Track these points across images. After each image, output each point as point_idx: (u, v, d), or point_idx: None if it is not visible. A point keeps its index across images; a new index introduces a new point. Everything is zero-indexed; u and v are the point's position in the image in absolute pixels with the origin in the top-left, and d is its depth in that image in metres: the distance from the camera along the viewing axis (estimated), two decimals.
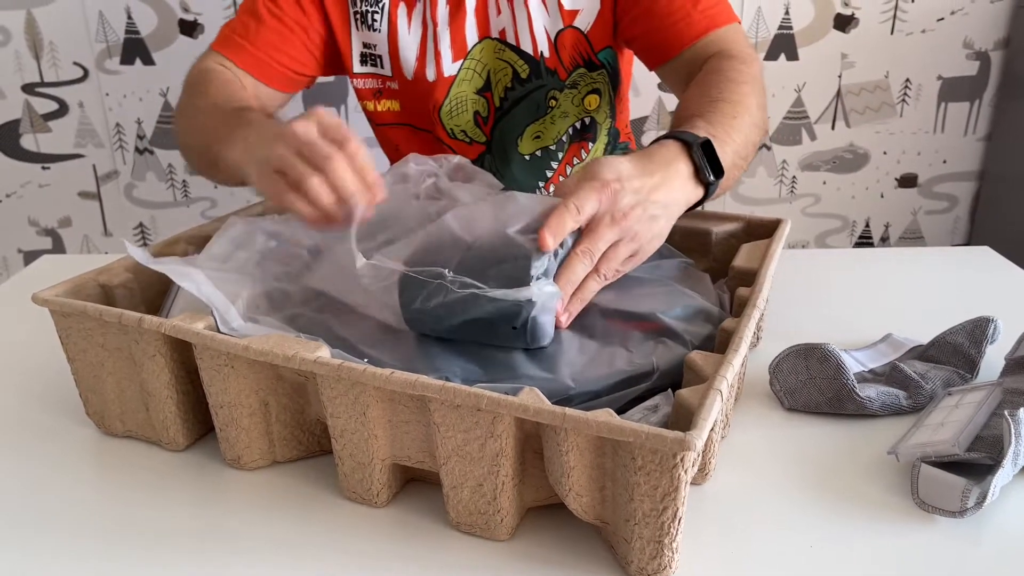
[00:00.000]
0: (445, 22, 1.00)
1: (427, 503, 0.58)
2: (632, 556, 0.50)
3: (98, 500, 0.60)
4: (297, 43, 1.00)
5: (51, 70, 1.79)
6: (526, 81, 1.02)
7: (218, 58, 0.98)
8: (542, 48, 1.00)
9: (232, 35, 0.99)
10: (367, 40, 1.02)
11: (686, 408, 0.50)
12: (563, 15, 1.00)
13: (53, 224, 1.95)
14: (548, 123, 1.05)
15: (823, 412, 0.68)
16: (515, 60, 1.01)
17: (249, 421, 0.61)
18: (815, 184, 1.95)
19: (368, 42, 1.02)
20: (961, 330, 0.73)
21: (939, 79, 1.86)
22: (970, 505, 0.54)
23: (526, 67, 1.01)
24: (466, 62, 1.01)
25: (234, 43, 0.98)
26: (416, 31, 1.01)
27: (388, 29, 1.01)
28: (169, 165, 1.90)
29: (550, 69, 1.02)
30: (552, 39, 1.00)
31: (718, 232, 0.81)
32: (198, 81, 0.94)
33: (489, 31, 1.01)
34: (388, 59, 1.02)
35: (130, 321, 0.60)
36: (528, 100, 1.03)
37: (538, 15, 1.00)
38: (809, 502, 0.58)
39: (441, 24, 1.00)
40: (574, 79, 1.03)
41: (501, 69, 1.02)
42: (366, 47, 1.03)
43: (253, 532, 0.56)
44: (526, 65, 1.01)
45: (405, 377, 0.51)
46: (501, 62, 1.02)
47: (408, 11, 1.00)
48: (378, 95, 1.06)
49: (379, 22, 1.01)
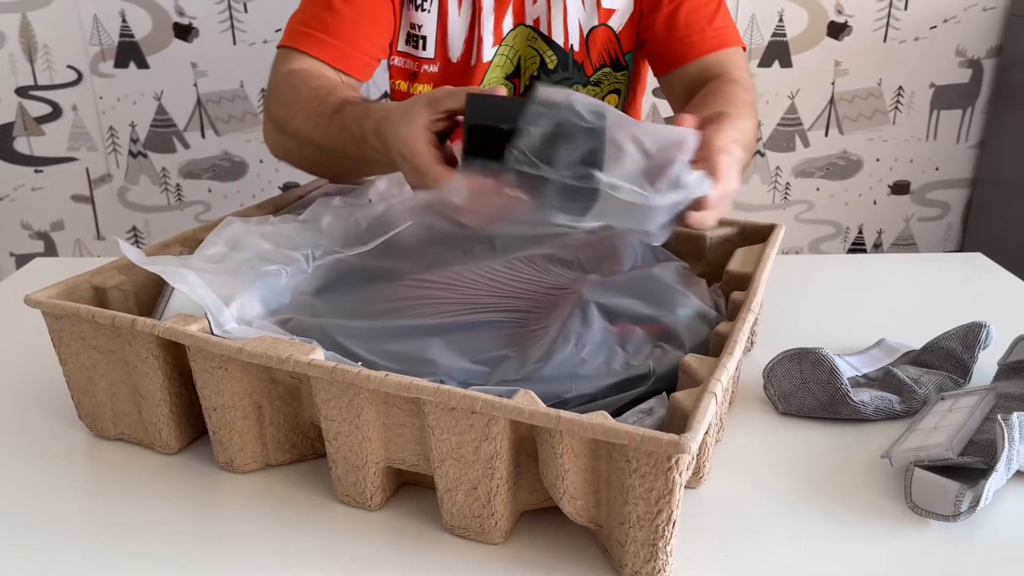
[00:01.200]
0: (490, 8, 1.02)
1: (421, 506, 0.58)
2: (626, 559, 0.50)
3: (90, 503, 0.60)
4: (374, 26, 0.99)
5: (45, 73, 1.79)
6: (553, 72, 1.04)
7: (298, 56, 0.95)
8: (573, 41, 1.02)
9: (306, 30, 0.96)
10: (414, 20, 1.03)
11: (681, 411, 0.50)
12: (599, 12, 1.02)
13: (46, 227, 1.94)
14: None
15: (817, 416, 0.69)
16: (544, 50, 1.03)
17: (243, 424, 0.60)
18: (808, 190, 1.95)
19: (415, 22, 1.03)
20: (954, 335, 0.74)
21: (932, 87, 1.87)
22: (963, 509, 0.54)
23: (555, 58, 1.03)
24: (501, 48, 1.03)
25: (311, 38, 0.95)
26: (466, 14, 1.02)
27: (438, 11, 1.02)
28: (163, 169, 1.89)
29: (578, 63, 1.04)
30: (584, 34, 1.03)
31: (713, 237, 0.81)
32: (283, 87, 0.91)
33: (524, 18, 1.03)
34: (434, 41, 1.03)
35: (123, 323, 0.60)
36: None
37: (574, 8, 1.02)
38: (803, 506, 0.58)
39: (486, 10, 1.02)
40: (599, 77, 1.05)
41: (531, 57, 1.04)
42: (412, 27, 1.03)
43: (246, 536, 0.56)
44: (555, 56, 1.03)
45: (399, 380, 0.51)
46: (531, 50, 1.03)
47: None
48: (412, 77, 1.07)
49: (429, 3, 1.02)
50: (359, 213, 0.77)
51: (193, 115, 1.84)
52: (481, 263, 0.75)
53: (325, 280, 0.72)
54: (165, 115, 1.84)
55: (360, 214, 0.77)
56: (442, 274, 0.73)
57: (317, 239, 0.74)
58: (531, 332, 0.65)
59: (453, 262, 0.76)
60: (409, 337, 0.64)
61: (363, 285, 0.72)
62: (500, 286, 0.72)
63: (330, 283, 0.72)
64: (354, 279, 0.73)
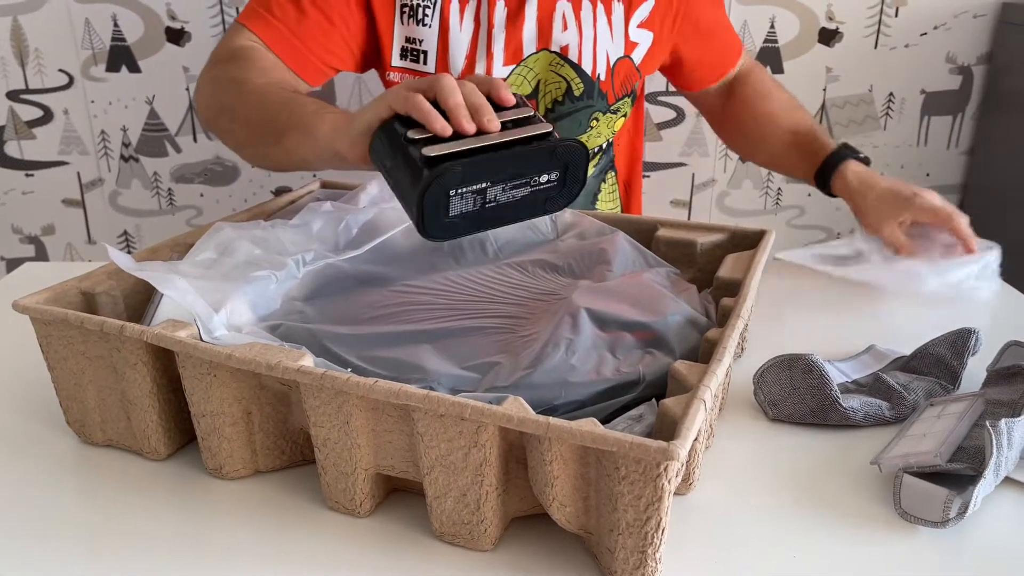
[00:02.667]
0: (502, 24, 1.00)
1: (410, 513, 0.58)
2: (616, 566, 0.50)
3: (78, 510, 0.60)
4: (337, 37, 0.98)
5: (36, 77, 1.78)
6: (578, 99, 1.04)
7: (251, 36, 0.94)
8: (600, 71, 1.03)
9: (268, 16, 0.95)
10: (411, 34, 1.01)
11: (670, 418, 0.50)
12: (626, 44, 1.04)
13: (36, 232, 1.93)
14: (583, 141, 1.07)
15: (807, 422, 0.69)
16: (572, 77, 1.03)
17: (232, 430, 0.60)
18: (800, 196, 1.96)
19: (412, 36, 1.01)
20: (943, 341, 0.74)
21: (922, 93, 1.88)
22: (952, 515, 0.55)
23: (582, 85, 1.03)
24: (518, 68, 1.02)
25: (272, 27, 0.94)
26: (468, 28, 1.01)
27: (439, 24, 1.00)
28: (154, 173, 1.89)
29: (602, 92, 1.05)
30: (611, 64, 1.04)
31: (703, 243, 0.82)
32: (239, 57, 0.91)
33: (549, 43, 1.02)
34: (435, 55, 1.02)
35: (112, 329, 0.59)
36: (573, 117, 1.05)
37: (603, 38, 1.03)
38: (792, 512, 0.58)
39: (498, 26, 1.00)
40: (619, 105, 1.08)
41: (554, 82, 1.03)
42: (408, 41, 1.02)
43: (235, 542, 0.56)
44: (582, 84, 1.03)
45: (389, 386, 0.51)
46: (556, 76, 1.03)
47: (461, 7, 1.00)
48: None
49: (430, 17, 1.00)
50: (350, 218, 0.77)
51: (185, 119, 1.84)
52: (471, 269, 0.75)
53: (315, 285, 0.72)
54: (157, 119, 1.83)
55: (351, 219, 0.77)
56: (432, 280, 0.73)
57: (307, 244, 0.74)
58: (521, 338, 0.64)
59: (444, 267, 0.76)
60: (399, 343, 0.64)
61: (353, 291, 0.72)
62: (491, 292, 0.72)
63: (320, 288, 0.72)
64: (344, 284, 0.73)
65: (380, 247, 0.76)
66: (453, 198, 0.57)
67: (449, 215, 0.58)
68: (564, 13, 1.01)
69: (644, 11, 1.05)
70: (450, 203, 0.57)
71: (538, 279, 0.74)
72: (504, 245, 0.80)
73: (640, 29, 1.05)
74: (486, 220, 0.60)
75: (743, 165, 1.92)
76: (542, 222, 0.83)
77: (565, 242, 0.81)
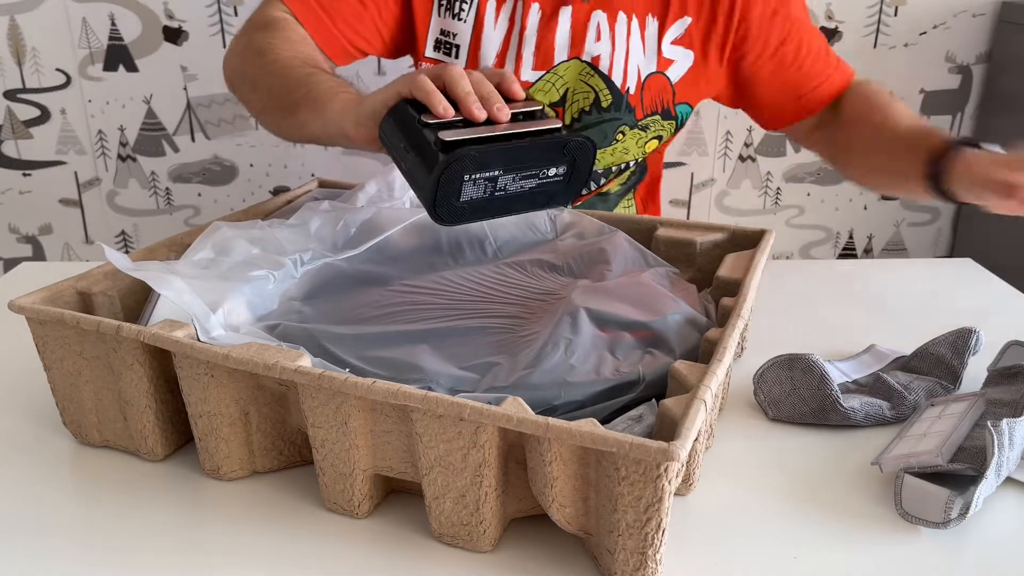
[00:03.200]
0: (535, 28, 1.00)
1: (409, 514, 0.58)
2: (616, 567, 0.50)
3: (75, 511, 0.59)
4: (368, 20, 0.98)
5: (33, 76, 1.78)
6: (605, 111, 1.03)
7: (283, 7, 0.95)
8: (630, 84, 1.02)
9: None
10: (447, 27, 1.02)
11: (670, 418, 0.50)
12: (659, 60, 1.02)
13: (34, 231, 1.93)
14: (608, 154, 1.06)
15: (807, 422, 0.68)
16: (601, 88, 1.02)
17: (229, 431, 0.60)
18: (799, 195, 1.96)
19: (447, 30, 1.02)
20: (944, 341, 0.74)
21: (921, 92, 1.88)
22: (953, 516, 0.54)
23: (610, 97, 1.02)
24: (548, 75, 1.02)
25: (305, 3, 0.95)
26: (502, 28, 1.01)
27: (474, 20, 1.01)
28: (152, 173, 1.88)
29: (631, 106, 1.03)
30: (642, 79, 1.02)
31: (703, 242, 0.81)
32: (269, 27, 0.91)
33: (581, 53, 1.01)
34: (466, 51, 1.02)
35: (108, 329, 0.59)
36: (600, 128, 1.04)
37: (636, 52, 1.01)
38: (793, 513, 0.58)
39: (530, 29, 1.00)
40: (647, 122, 1.05)
41: (583, 91, 1.03)
42: (443, 34, 1.02)
43: (232, 544, 0.56)
44: (611, 95, 1.02)
45: (387, 387, 0.51)
46: (585, 85, 1.02)
47: (498, 5, 1.00)
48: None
49: (466, 12, 1.00)
50: (348, 217, 0.77)
51: (183, 119, 1.83)
52: (470, 268, 0.75)
53: (313, 285, 0.72)
54: (155, 119, 1.83)
55: (349, 218, 0.77)
56: (431, 279, 0.73)
57: (305, 243, 0.74)
58: (520, 338, 0.64)
59: (442, 267, 0.76)
60: (397, 343, 0.63)
61: (351, 290, 0.72)
62: (489, 292, 0.71)
63: (318, 288, 0.72)
64: (342, 284, 0.72)
65: (378, 247, 0.75)
66: (466, 183, 0.58)
67: (460, 200, 0.59)
68: (599, 23, 1.00)
69: (679, 28, 1.02)
70: (463, 188, 0.58)
71: (537, 279, 0.74)
72: (503, 245, 0.79)
73: (675, 47, 1.03)
74: (493, 209, 0.61)
75: (742, 164, 1.92)
76: (541, 222, 0.82)
77: (564, 242, 0.81)
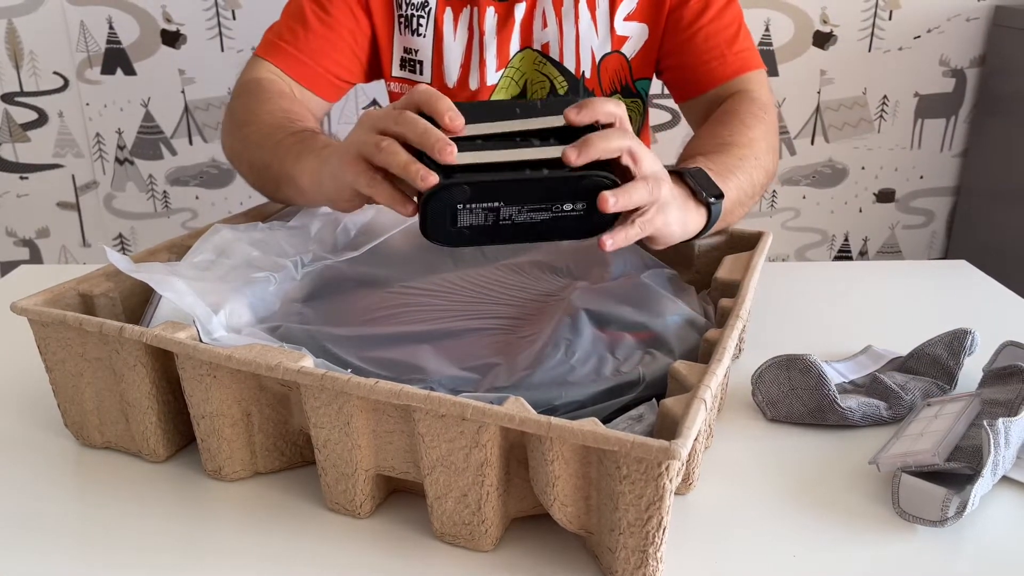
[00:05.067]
0: (493, 31, 1.00)
1: (411, 514, 0.58)
2: (617, 566, 0.50)
3: (77, 513, 0.59)
4: (345, 49, 0.98)
5: (31, 79, 1.78)
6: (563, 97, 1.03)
7: (267, 66, 0.95)
8: (585, 68, 1.01)
9: (279, 42, 0.96)
10: (408, 45, 1.01)
11: (670, 417, 0.50)
12: (613, 39, 1.00)
13: (31, 234, 1.93)
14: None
15: (805, 423, 0.69)
16: (555, 75, 1.01)
17: (231, 432, 0.60)
18: (795, 198, 1.97)
19: (409, 47, 1.01)
20: (939, 342, 0.74)
21: (916, 96, 1.89)
22: (950, 515, 0.55)
23: (565, 84, 1.01)
24: (507, 70, 1.01)
25: (282, 51, 0.96)
26: (462, 37, 1.01)
27: (433, 35, 1.00)
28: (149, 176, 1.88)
29: (588, 90, 1.02)
30: (597, 61, 1.01)
31: (701, 244, 0.82)
32: (251, 92, 0.91)
33: (532, 42, 1.01)
34: (430, 65, 1.02)
35: (111, 331, 0.59)
36: None
37: (587, 35, 1.00)
38: (791, 512, 0.59)
39: (488, 33, 1.00)
40: None
41: (539, 81, 1.02)
42: (407, 52, 1.02)
43: (235, 545, 0.56)
44: (565, 82, 1.01)
45: (389, 387, 0.51)
46: (540, 75, 1.02)
47: (455, 17, 1.00)
48: None
49: (424, 27, 1.00)
50: (348, 220, 0.77)
51: (180, 122, 1.84)
52: (471, 270, 0.75)
53: (314, 287, 0.72)
54: (152, 122, 1.83)
55: (349, 221, 0.77)
56: (431, 281, 0.73)
57: (306, 245, 0.74)
58: (521, 339, 0.65)
59: (442, 269, 0.76)
60: (398, 344, 0.64)
61: (352, 292, 0.72)
62: (490, 293, 0.72)
63: (319, 290, 0.72)
64: (343, 286, 0.73)
65: (378, 249, 0.76)
66: (461, 211, 0.57)
67: (456, 225, 0.57)
68: (544, 10, 1.00)
69: (629, 4, 1.00)
70: (458, 215, 0.57)
71: (537, 280, 0.74)
72: (502, 247, 0.80)
73: (628, 22, 1.01)
74: (500, 235, 0.59)
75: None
76: None
77: (563, 243, 0.81)
